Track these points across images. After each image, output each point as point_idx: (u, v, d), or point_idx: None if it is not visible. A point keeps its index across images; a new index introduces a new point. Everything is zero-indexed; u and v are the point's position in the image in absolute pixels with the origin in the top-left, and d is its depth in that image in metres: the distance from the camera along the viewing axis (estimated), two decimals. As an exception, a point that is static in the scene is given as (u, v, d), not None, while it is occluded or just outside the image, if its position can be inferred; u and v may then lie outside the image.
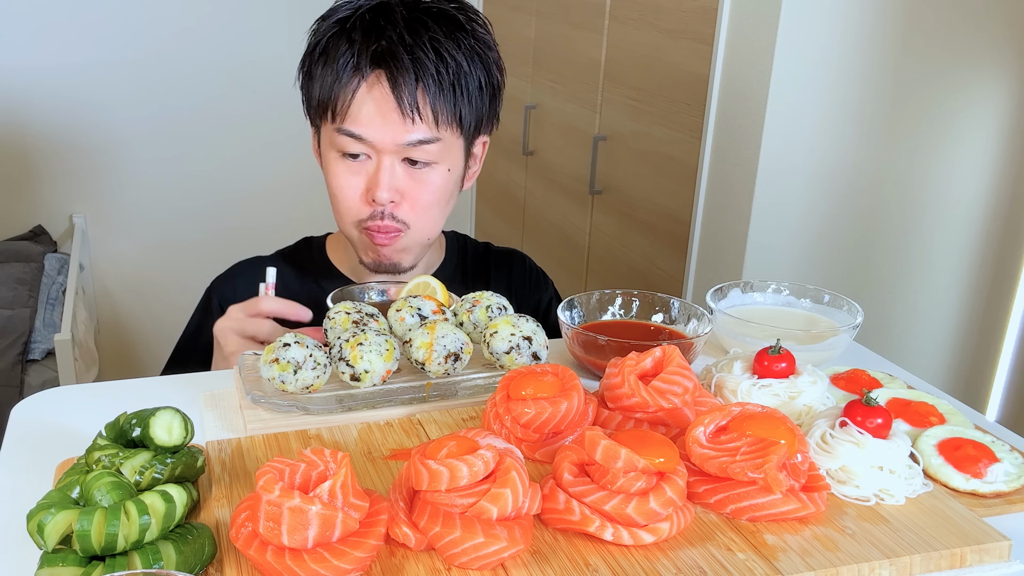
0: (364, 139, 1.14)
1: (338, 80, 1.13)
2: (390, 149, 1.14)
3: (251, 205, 3.45)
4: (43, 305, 2.72)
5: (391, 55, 1.11)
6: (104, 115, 3.17)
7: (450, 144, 1.17)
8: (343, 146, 1.15)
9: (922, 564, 0.73)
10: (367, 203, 1.17)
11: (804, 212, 1.91)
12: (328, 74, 1.13)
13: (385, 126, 1.13)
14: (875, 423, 0.82)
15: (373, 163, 1.16)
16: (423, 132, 1.14)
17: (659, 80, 2.15)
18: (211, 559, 0.70)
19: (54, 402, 0.98)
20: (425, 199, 1.18)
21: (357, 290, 1.16)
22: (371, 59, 1.12)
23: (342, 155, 1.16)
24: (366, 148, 1.15)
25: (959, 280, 2.06)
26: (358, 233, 1.20)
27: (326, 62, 1.14)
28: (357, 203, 1.18)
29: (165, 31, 3.16)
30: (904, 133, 1.91)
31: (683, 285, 2.13)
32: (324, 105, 1.15)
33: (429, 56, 1.12)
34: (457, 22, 1.16)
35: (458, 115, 1.16)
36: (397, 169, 1.16)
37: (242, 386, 0.94)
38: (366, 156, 1.16)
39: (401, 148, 1.14)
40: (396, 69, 1.11)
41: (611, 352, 1.00)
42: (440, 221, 1.23)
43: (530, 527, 0.73)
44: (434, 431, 0.91)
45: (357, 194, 1.17)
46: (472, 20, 1.18)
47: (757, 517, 0.77)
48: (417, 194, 1.17)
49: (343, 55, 1.12)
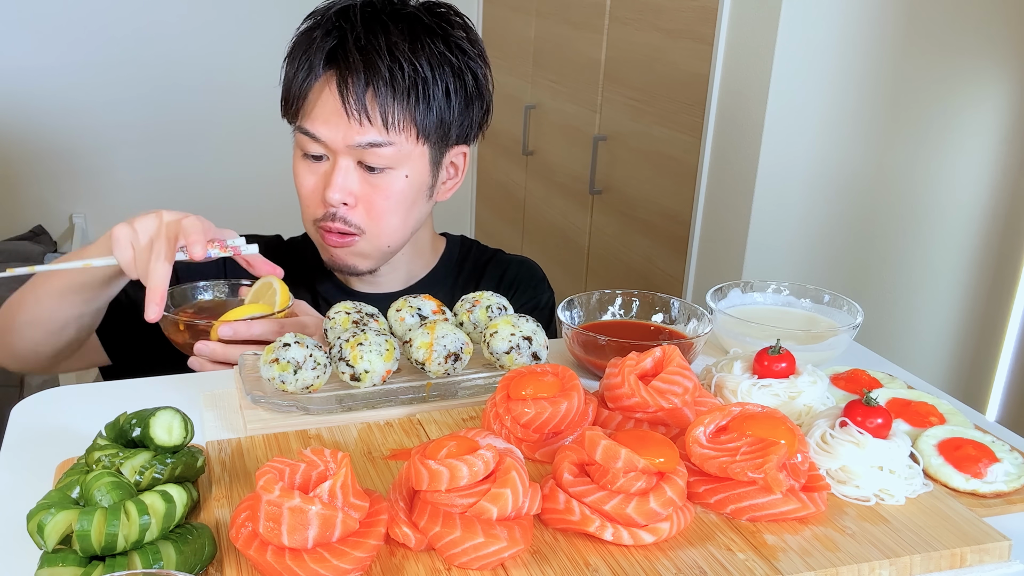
0: (318, 138, 1.15)
1: (296, 78, 1.15)
2: (342, 150, 1.14)
3: (251, 205, 3.45)
4: (43, 305, 2.72)
5: (343, 56, 1.12)
6: (104, 116, 3.17)
7: (407, 151, 1.16)
8: (303, 145, 1.17)
9: (922, 564, 0.73)
10: (322, 203, 1.18)
11: (804, 212, 1.91)
12: (290, 72, 1.16)
13: (337, 126, 1.13)
14: (875, 423, 0.82)
15: (330, 164, 1.16)
16: (373, 135, 1.13)
17: (659, 80, 2.15)
18: (211, 559, 0.70)
19: (54, 402, 0.98)
20: (380, 205, 1.17)
21: (190, 289, 1.15)
22: (325, 59, 1.13)
23: (304, 154, 1.18)
24: (322, 148, 1.15)
25: (959, 280, 2.06)
26: (315, 231, 1.21)
27: (291, 60, 1.17)
28: (314, 202, 1.19)
29: (167, 32, 3.16)
30: (904, 133, 1.91)
31: (683, 285, 2.13)
32: (288, 103, 1.18)
33: (383, 59, 1.11)
34: (427, 27, 1.15)
35: (414, 121, 1.14)
36: (352, 172, 1.16)
37: (242, 386, 0.94)
38: (325, 157, 1.17)
39: (353, 150, 1.14)
40: (345, 69, 1.12)
41: (611, 352, 1.00)
42: (401, 229, 1.21)
43: (530, 527, 0.73)
44: (434, 431, 0.91)
45: (314, 193, 1.18)
46: (449, 26, 1.17)
47: (757, 517, 0.77)
48: (372, 199, 1.17)
49: (302, 54, 1.14)
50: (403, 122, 1.14)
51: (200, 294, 1.15)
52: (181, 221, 1.03)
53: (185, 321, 1.05)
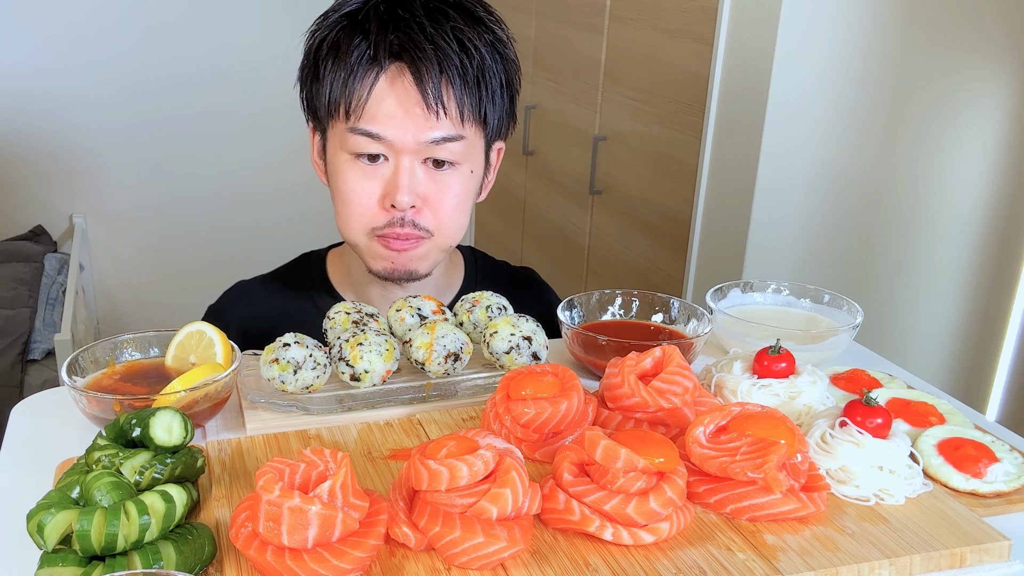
0: (383, 138, 1.05)
1: (352, 75, 1.04)
2: (411, 148, 1.05)
3: (251, 205, 3.45)
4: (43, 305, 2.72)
5: (413, 45, 1.03)
6: (104, 116, 3.17)
7: (473, 144, 1.09)
8: (357, 147, 1.06)
9: (922, 564, 0.73)
10: (384, 209, 1.08)
11: (804, 212, 1.91)
12: (340, 70, 1.04)
13: (407, 122, 1.04)
14: (875, 423, 0.82)
15: (391, 165, 1.07)
16: (447, 129, 1.05)
17: (659, 80, 2.15)
18: (211, 559, 0.70)
19: (54, 402, 0.97)
20: (448, 203, 1.09)
21: (112, 347, 0.96)
22: (390, 50, 1.03)
23: (356, 157, 1.07)
24: (384, 148, 1.06)
25: (959, 280, 2.06)
26: (368, 241, 1.11)
27: (336, 58, 1.05)
28: (372, 209, 1.08)
29: (166, 32, 3.17)
30: (904, 133, 1.91)
31: (683, 285, 2.13)
32: (335, 104, 1.06)
33: (452, 47, 1.04)
34: (476, 16, 1.08)
35: (482, 112, 1.08)
36: (418, 171, 1.07)
37: (242, 386, 0.94)
38: (383, 158, 1.07)
39: (422, 147, 1.05)
40: (419, 60, 1.02)
41: (611, 352, 1.00)
42: (463, 228, 1.14)
43: (530, 527, 0.73)
44: (434, 431, 0.91)
45: (372, 200, 1.08)
46: (491, 15, 1.11)
47: (757, 517, 0.77)
48: (440, 199, 1.09)
49: (357, 48, 1.03)
50: (473, 113, 1.07)
51: (125, 354, 0.97)
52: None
53: (121, 399, 0.85)
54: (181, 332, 0.96)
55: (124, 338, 0.97)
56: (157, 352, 0.98)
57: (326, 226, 1.34)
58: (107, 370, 0.95)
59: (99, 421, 0.86)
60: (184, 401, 0.85)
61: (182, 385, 0.86)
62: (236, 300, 1.25)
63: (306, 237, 1.34)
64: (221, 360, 0.92)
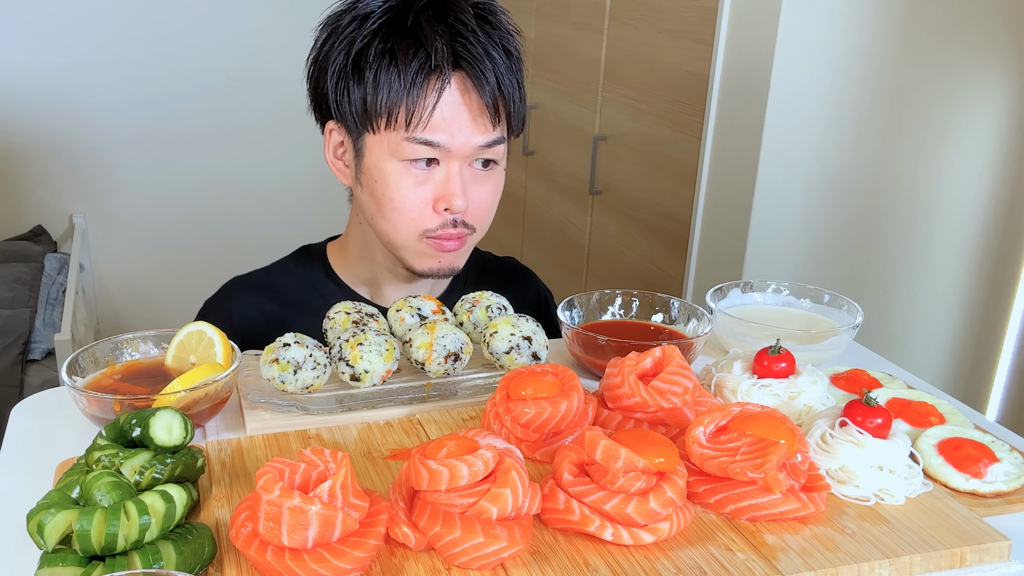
0: (441, 146, 1.06)
1: (413, 85, 1.03)
2: (466, 153, 1.07)
3: (251, 205, 3.45)
4: (43, 305, 2.72)
5: (471, 55, 1.04)
6: (104, 116, 3.17)
7: (505, 143, 1.13)
8: (414, 154, 1.06)
9: (922, 564, 0.73)
10: (436, 213, 1.09)
11: (804, 212, 1.91)
12: (397, 79, 1.03)
13: (467, 130, 1.06)
14: (875, 423, 0.82)
15: (442, 170, 1.08)
16: (499, 132, 1.09)
17: (659, 80, 2.15)
18: (211, 559, 0.70)
19: (54, 402, 0.97)
20: (488, 201, 1.13)
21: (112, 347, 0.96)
22: (451, 56, 1.04)
23: (409, 164, 1.07)
24: (439, 154, 1.07)
25: (959, 280, 2.06)
26: (416, 243, 1.12)
27: (392, 63, 1.04)
28: (424, 213, 1.09)
29: (166, 32, 3.17)
30: (904, 133, 1.91)
31: (683, 285, 2.13)
32: (392, 113, 1.05)
33: (498, 50, 1.06)
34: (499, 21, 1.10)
35: (521, 114, 1.12)
36: (465, 174, 1.09)
37: (242, 386, 0.94)
38: (434, 163, 1.08)
39: (475, 151, 1.08)
40: (480, 69, 1.04)
41: (611, 352, 1.00)
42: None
43: (530, 527, 0.73)
44: (434, 431, 0.91)
45: (426, 204, 1.09)
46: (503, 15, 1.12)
47: (757, 517, 0.77)
48: (482, 197, 1.12)
49: (416, 57, 1.03)
50: (514, 114, 1.11)
51: (125, 354, 0.97)
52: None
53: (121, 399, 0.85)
54: (181, 332, 0.95)
55: (124, 338, 0.97)
56: (157, 352, 0.98)
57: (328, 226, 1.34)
58: (107, 370, 0.95)
59: (99, 421, 0.86)
60: (184, 401, 0.85)
61: (182, 385, 0.86)
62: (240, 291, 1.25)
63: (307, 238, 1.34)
64: (221, 360, 0.92)
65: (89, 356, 0.94)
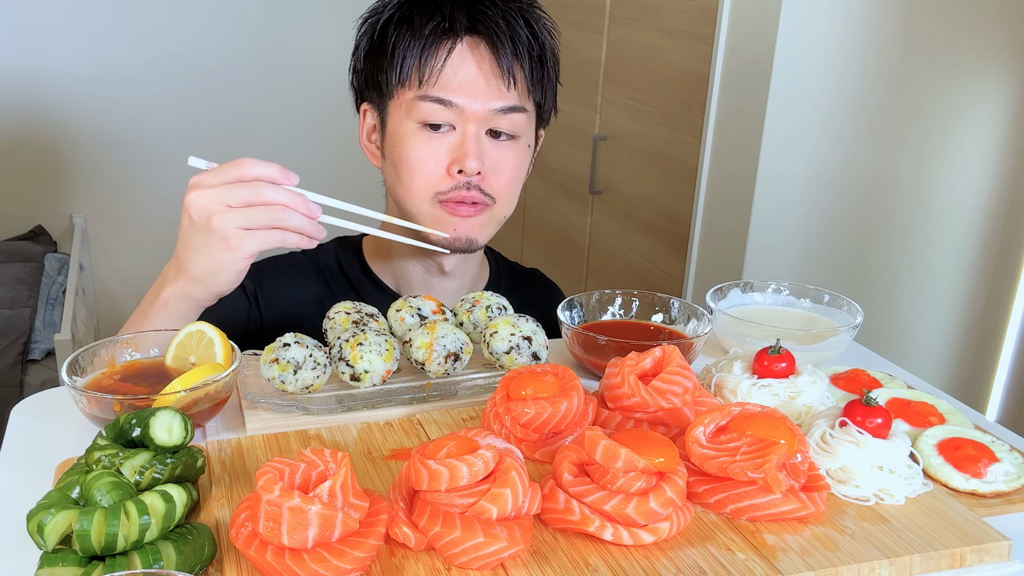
0: (454, 105, 1.09)
1: (427, 45, 1.09)
2: (480, 116, 1.10)
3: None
4: (43, 305, 2.72)
5: (486, 18, 1.09)
6: (104, 115, 3.17)
7: (530, 119, 1.16)
8: (427, 115, 1.10)
9: (922, 564, 0.73)
10: (450, 176, 1.11)
11: (804, 212, 1.91)
12: (413, 41, 1.09)
13: (479, 90, 1.09)
14: (875, 423, 0.82)
15: (457, 134, 1.11)
16: (514, 99, 1.11)
17: (659, 80, 2.15)
18: (211, 559, 0.70)
19: (54, 402, 0.97)
20: (508, 173, 1.14)
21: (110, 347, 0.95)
22: (465, 24, 1.09)
23: (422, 126, 1.11)
24: (452, 116, 1.10)
25: (959, 280, 2.06)
26: (431, 208, 1.13)
27: (410, 30, 1.09)
28: (438, 175, 1.11)
29: (166, 31, 3.17)
30: (904, 133, 1.91)
31: (683, 285, 2.13)
32: (407, 73, 1.10)
33: (522, 25, 1.11)
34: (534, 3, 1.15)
35: (542, 89, 1.15)
36: (483, 139, 1.11)
37: (242, 386, 0.94)
38: (449, 127, 1.11)
39: (490, 116, 1.10)
40: (496, 33, 1.09)
41: (611, 352, 1.00)
42: (516, 201, 1.19)
43: (530, 527, 0.73)
44: (434, 431, 0.91)
45: (440, 166, 1.11)
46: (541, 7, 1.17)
47: (757, 517, 0.77)
48: (502, 167, 1.13)
49: (432, 21, 1.09)
50: (535, 90, 1.14)
51: (125, 354, 0.96)
52: None
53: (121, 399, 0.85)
54: (181, 332, 0.95)
55: (124, 338, 0.97)
56: (157, 352, 0.97)
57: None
58: (107, 370, 0.94)
59: (99, 421, 0.86)
60: (184, 401, 0.85)
61: (182, 385, 0.85)
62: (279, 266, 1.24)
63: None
64: (221, 360, 0.92)
65: (89, 356, 0.94)
